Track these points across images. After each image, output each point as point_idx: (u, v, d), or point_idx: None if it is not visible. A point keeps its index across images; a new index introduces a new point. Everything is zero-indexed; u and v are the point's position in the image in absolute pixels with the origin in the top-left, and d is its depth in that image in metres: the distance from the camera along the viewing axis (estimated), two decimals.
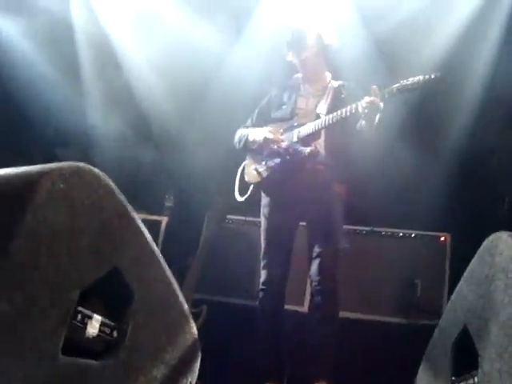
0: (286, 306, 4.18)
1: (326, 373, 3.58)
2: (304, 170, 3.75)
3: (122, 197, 1.94)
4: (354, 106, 3.53)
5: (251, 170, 3.98)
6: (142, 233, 2.01)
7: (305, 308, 4.76)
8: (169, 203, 5.56)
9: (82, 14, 5.78)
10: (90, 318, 1.88)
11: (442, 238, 4.84)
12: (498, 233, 1.89)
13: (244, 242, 5.10)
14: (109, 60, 5.74)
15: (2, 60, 5.61)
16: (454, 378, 2.03)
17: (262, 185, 3.92)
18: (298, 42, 3.85)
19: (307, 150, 3.72)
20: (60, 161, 4.92)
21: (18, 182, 1.76)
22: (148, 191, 5.62)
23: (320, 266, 3.65)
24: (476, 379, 1.85)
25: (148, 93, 5.73)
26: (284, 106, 3.97)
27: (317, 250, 3.70)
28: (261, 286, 3.91)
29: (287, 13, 4.67)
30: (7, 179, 1.80)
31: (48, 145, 5.91)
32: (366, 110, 3.45)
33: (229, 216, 5.06)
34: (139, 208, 5.49)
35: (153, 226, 5.17)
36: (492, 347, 1.76)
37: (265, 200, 3.95)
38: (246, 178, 4.01)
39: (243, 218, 5.21)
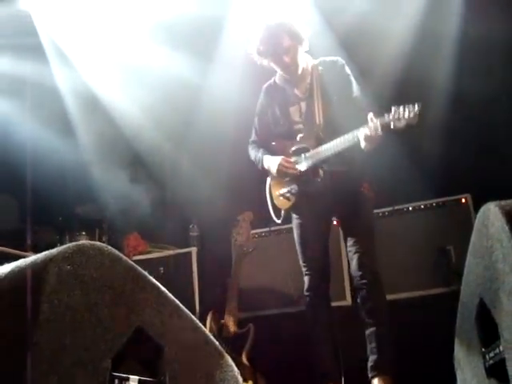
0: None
1: (386, 367, 3.59)
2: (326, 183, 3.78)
3: (127, 261, 2.03)
4: (354, 136, 3.53)
5: (277, 196, 3.99)
6: (156, 288, 2.11)
7: (348, 301, 4.83)
8: (194, 233, 5.66)
9: (64, 74, 5.97)
10: (127, 380, 1.98)
11: (463, 200, 4.85)
12: (487, 204, 1.95)
13: (273, 252, 5.19)
14: (97, 111, 5.92)
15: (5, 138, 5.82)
16: (484, 350, 2.08)
17: (292, 208, 3.96)
18: (277, 44, 3.78)
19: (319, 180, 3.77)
20: (81, 218, 5.09)
21: (26, 275, 1.87)
22: (173, 226, 5.74)
23: (359, 261, 3.70)
24: (501, 348, 1.90)
25: (140, 134, 5.89)
26: (281, 122, 3.96)
27: (353, 247, 3.76)
28: (305, 293, 3.98)
29: (253, 23, 4.74)
30: (19, 274, 1.91)
31: (68, 206, 6.12)
32: (367, 146, 3.48)
33: (253, 231, 5.12)
34: (168, 244, 5.68)
35: (184, 259, 5.31)
36: (506, 315, 1.81)
37: (296, 215, 4.00)
38: (276, 203, 4.04)
39: (267, 229, 5.29)
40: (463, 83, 4.94)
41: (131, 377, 2.00)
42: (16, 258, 4.75)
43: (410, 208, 4.97)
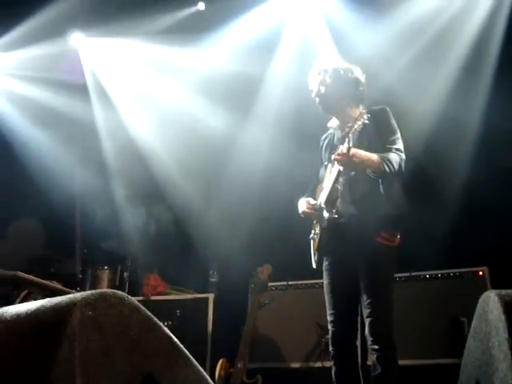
0: None
1: None
2: (342, 229, 3.69)
3: (145, 311, 2.16)
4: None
5: (310, 238, 3.91)
6: (169, 339, 2.22)
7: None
8: (213, 279, 5.78)
9: (104, 114, 6.25)
10: None
11: (481, 273, 4.91)
12: (487, 292, 2.05)
13: (289, 306, 5.27)
14: (131, 153, 6.15)
15: (38, 168, 6.08)
16: None
17: (319, 251, 3.85)
18: (313, 90, 3.86)
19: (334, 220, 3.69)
20: (105, 252, 5.27)
21: (51, 316, 2.00)
22: (193, 271, 5.86)
23: (371, 327, 3.57)
24: None
25: (170, 180, 6.08)
26: (324, 162, 3.94)
27: (367, 309, 3.61)
28: (329, 348, 3.82)
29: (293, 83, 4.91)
30: (44, 314, 2.05)
31: (93, 239, 6.32)
32: (341, 169, 3.55)
33: (271, 284, 5.23)
34: (187, 288, 5.81)
35: (201, 304, 5.42)
36: None
37: (325, 262, 3.88)
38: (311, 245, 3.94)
39: (285, 282, 5.38)
40: (482, 164, 5.06)
41: None
42: (39, 286, 4.96)
43: (427, 276, 5.04)
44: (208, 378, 2.34)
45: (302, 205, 3.92)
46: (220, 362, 4.87)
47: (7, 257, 6.19)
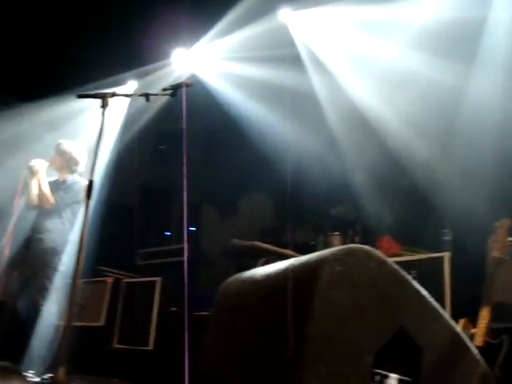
0: None
1: None
2: None
3: (392, 265, 2.14)
4: None
5: None
6: (418, 292, 2.20)
7: None
8: (448, 237, 5.59)
9: (322, 82, 6.31)
10: (387, 377, 2.09)
11: None
12: None
13: None
14: (356, 119, 6.10)
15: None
16: None
17: None
18: None
19: None
20: (336, 219, 5.33)
21: (301, 273, 2.07)
22: (425, 230, 5.73)
23: None
24: None
25: (397, 138, 5.92)
26: None
27: None
28: None
29: None
30: (292, 271, 2.12)
31: (322, 207, 6.44)
32: None
33: (511, 238, 4.94)
34: (419, 247, 5.70)
35: (436, 264, 5.28)
36: None
37: None
38: None
39: None
40: None
41: (391, 375, 2.11)
42: (276, 254, 5.16)
43: None
44: (461, 332, 2.27)
45: None
46: (461, 321, 4.70)
47: (241, 230, 6.55)
